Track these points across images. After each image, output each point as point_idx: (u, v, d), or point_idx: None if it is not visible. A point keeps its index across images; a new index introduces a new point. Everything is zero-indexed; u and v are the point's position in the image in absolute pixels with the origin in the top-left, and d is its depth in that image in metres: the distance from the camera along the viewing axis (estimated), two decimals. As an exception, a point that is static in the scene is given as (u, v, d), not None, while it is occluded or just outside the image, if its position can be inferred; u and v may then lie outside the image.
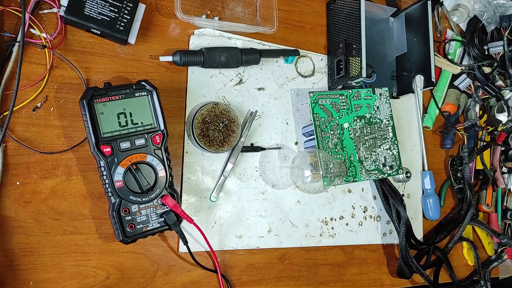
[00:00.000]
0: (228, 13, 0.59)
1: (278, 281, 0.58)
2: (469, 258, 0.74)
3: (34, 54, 0.47)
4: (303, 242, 0.60)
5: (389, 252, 0.68)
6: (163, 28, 0.54)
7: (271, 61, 0.61)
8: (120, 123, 0.46)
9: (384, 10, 0.70)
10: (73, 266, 0.47)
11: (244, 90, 0.59)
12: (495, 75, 0.75)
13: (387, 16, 0.71)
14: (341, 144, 0.60)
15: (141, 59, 0.53)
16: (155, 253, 0.51)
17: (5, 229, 0.44)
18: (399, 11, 0.70)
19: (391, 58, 0.70)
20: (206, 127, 0.52)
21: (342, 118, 0.60)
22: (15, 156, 0.46)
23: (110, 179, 0.45)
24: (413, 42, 0.68)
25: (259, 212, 0.58)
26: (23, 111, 0.46)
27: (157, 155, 0.48)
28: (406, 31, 0.70)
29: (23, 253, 0.45)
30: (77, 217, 0.48)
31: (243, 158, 0.58)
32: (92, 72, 0.50)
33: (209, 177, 0.55)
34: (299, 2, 0.65)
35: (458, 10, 0.75)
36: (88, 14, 0.47)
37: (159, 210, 0.48)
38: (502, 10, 0.73)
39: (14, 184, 0.45)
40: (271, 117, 0.60)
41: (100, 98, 0.45)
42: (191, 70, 0.55)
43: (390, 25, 0.71)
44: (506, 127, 0.74)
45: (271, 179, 0.59)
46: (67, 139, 0.48)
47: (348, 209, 0.65)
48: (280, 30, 0.60)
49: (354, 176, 0.60)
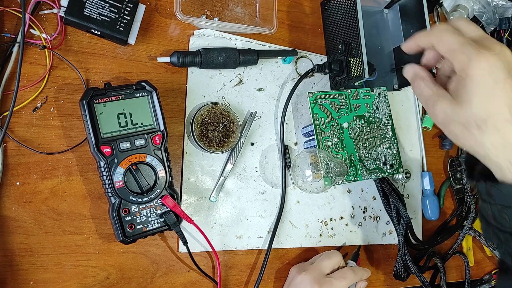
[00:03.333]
0: (228, 13, 0.59)
1: (278, 281, 0.58)
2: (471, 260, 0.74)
3: (34, 55, 0.47)
4: (303, 243, 0.61)
5: (389, 253, 0.68)
6: (163, 28, 0.54)
7: (271, 62, 0.61)
8: (120, 123, 0.46)
9: (377, 3, 0.68)
10: (73, 266, 0.47)
11: (244, 90, 0.59)
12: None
13: (380, 8, 0.69)
14: (341, 144, 0.60)
15: (141, 59, 0.53)
16: (155, 253, 0.51)
17: (5, 229, 0.45)
18: (392, 3, 0.69)
19: (389, 50, 0.69)
20: (206, 127, 0.52)
21: (341, 118, 0.60)
22: (15, 156, 0.46)
23: (110, 180, 0.45)
24: (410, 33, 0.67)
25: (259, 212, 0.58)
26: (23, 111, 0.46)
27: (157, 155, 0.48)
28: (402, 22, 0.68)
29: (23, 253, 0.45)
30: (77, 217, 0.48)
31: (243, 158, 0.58)
32: (92, 72, 0.50)
33: (208, 177, 0.55)
34: (298, 3, 0.65)
35: (458, 11, 0.75)
36: (88, 15, 0.47)
37: (159, 211, 0.48)
38: (501, 11, 0.74)
39: (14, 184, 0.45)
40: (270, 118, 0.60)
41: (100, 99, 0.45)
42: (190, 70, 0.55)
43: (384, 16, 0.70)
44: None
45: (271, 179, 0.59)
46: (67, 140, 0.48)
47: (348, 209, 0.65)
48: (280, 30, 0.61)
49: (355, 176, 0.60)
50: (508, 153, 0.33)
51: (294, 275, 0.55)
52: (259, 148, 0.59)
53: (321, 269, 0.54)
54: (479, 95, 0.33)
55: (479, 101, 0.33)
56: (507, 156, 0.34)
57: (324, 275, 0.53)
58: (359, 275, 0.55)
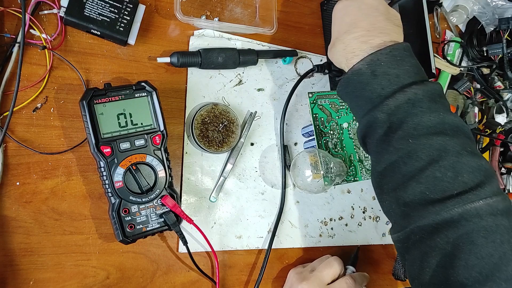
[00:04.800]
0: (228, 14, 0.59)
1: (277, 281, 0.58)
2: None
3: (34, 55, 0.47)
4: (302, 243, 0.61)
5: (388, 253, 0.68)
6: (163, 29, 0.55)
7: (271, 62, 0.61)
8: (120, 123, 0.46)
9: None
10: (73, 266, 0.47)
11: (244, 91, 0.59)
12: (494, 76, 0.75)
13: None
14: (340, 144, 0.60)
15: (141, 60, 0.53)
16: (155, 253, 0.51)
17: (5, 229, 0.45)
18: (392, 3, 0.68)
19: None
20: (206, 127, 0.52)
21: (341, 118, 0.61)
22: (15, 156, 0.46)
23: (110, 180, 0.45)
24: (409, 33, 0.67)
25: (259, 213, 0.58)
26: (23, 111, 0.47)
27: (157, 155, 0.48)
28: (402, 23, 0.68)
29: (23, 253, 0.45)
30: (77, 217, 0.48)
31: (243, 158, 0.58)
32: (92, 73, 0.50)
33: (208, 177, 0.55)
34: (298, 3, 0.65)
35: (457, 11, 0.76)
36: (88, 15, 0.47)
37: (158, 211, 0.48)
38: (500, 12, 0.74)
39: (14, 185, 0.45)
40: (270, 118, 0.60)
41: (100, 99, 0.45)
42: (190, 71, 0.55)
43: None
44: (504, 128, 0.74)
45: (271, 179, 0.59)
46: (67, 140, 0.48)
47: (348, 209, 0.65)
48: (280, 31, 0.61)
49: (355, 176, 0.60)
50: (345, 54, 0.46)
51: (293, 283, 0.54)
52: (259, 148, 0.59)
53: (322, 278, 0.53)
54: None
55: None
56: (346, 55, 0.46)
57: (325, 285, 0.53)
58: (359, 282, 0.55)
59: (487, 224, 0.37)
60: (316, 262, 0.58)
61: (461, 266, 0.37)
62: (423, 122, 0.41)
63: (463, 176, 0.39)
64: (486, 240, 0.37)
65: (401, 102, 0.41)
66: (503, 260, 0.36)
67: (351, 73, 0.45)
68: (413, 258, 0.41)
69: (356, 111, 0.47)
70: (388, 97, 0.42)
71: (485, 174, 0.39)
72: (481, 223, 0.37)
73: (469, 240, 0.37)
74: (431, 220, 0.39)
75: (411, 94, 0.41)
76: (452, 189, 0.38)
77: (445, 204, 0.38)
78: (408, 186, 0.41)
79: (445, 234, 0.38)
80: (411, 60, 0.44)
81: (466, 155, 0.39)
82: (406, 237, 0.42)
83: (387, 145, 0.43)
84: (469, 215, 0.37)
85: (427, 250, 0.39)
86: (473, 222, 0.37)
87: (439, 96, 0.43)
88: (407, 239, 0.42)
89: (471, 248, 0.37)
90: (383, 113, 0.42)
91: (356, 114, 0.47)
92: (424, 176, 0.40)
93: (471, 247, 0.37)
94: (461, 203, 0.38)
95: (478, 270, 0.36)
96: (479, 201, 0.38)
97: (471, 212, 0.37)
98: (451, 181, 0.39)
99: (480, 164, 0.40)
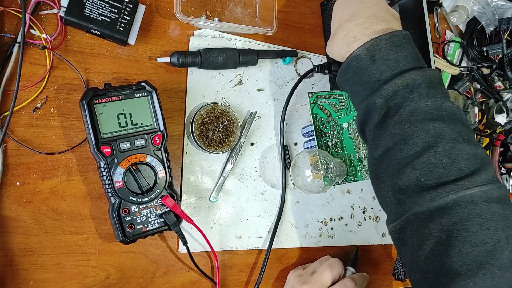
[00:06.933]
0: (228, 14, 0.59)
1: (277, 281, 0.58)
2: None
3: (34, 55, 0.47)
4: (303, 243, 0.61)
5: (388, 253, 0.68)
6: (163, 29, 0.54)
7: (271, 62, 0.61)
8: (120, 123, 0.46)
9: None
10: (73, 266, 0.47)
11: (244, 91, 0.59)
12: (494, 76, 0.75)
13: None
14: (340, 144, 0.60)
15: (141, 60, 0.53)
16: (155, 253, 0.51)
17: (5, 229, 0.45)
18: (392, 3, 0.68)
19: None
20: (206, 127, 0.52)
21: (341, 118, 0.61)
22: (15, 156, 0.46)
23: (110, 180, 0.45)
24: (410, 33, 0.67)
25: (259, 213, 0.58)
26: (23, 111, 0.47)
27: (157, 155, 0.48)
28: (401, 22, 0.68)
29: (23, 253, 0.45)
30: (77, 217, 0.48)
31: (243, 158, 0.58)
32: (92, 72, 0.50)
33: (208, 177, 0.55)
34: (298, 3, 0.65)
35: (457, 11, 0.76)
36: (88, 15, 0.47)
37: (158, 211, 0.48)
38: (500, 12, 0.74)
39: (14, 184, 0.45)
40: (270, 118, 0.60)
41: (100, 99, 0.45)
42: (190, 71, 0.55)
43: None
44: (504, 129, 0.74)
45: (271, 179, 0.59)
46: (67, 140, 0.48)
47: (347, 209, 0.65)
48: (280, 31, 0.61)
49: (355, 176, 0.60)
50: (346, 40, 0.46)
51: (294, 285, 0.54)
52: (259, 148, 0.59)
53: (322, 281, 0.53)
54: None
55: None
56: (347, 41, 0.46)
57: (326, 287, 0.53)
58: (360, 284, 0.55)
59: (481, 211, 0.37)
60: (316, 264, 0.57)
61: (455, 254, 0.37)
62: (420, 107, 0.40)
63: (459, 163, 0.38)
64: (480, 227, 0.37)
65: (399, 87, 0.41)
66: (497, 248, 0.36)
67: (350, 59, 0.45)
68: (409, 247, 0.41)
69: (355, 99, 0.46)
70: (386, 82, 0.42)
71: (481, 162, 0.39)
72: (475, 210, 0.37)
73: (463, 227, 0.37)
74: (426, 207, 0.39)
75: (409, 80, 0.41)
76: (447, 176, 0.38)
77: (439, 190, 0.38)
78: (403, 172, 0.40)
79: (440, 222, 0.38)
80: (410, 48, 0.44)
81: (462, 142, 0.39)
82: (402, 226, 0.42)
83: (384, 130, 0.42)
84: (463, 202, 0.37)
85: (422, 238, 0.39)
86: (468, 209, 0.37)
87: (437, 83, 0.42)
88: (403, 229, 0.42)
89: (465, 236, 0.37)
90: (381, 98, 0.42)
91: (355, 102, 0.47)
92: (420, 163, 0.39)
93: (465, 235, 0.37)
94: (455, 190, 0.38)
95: (472, 258, 0.36)
96: (474, 188, 0.37)
97: (465, 199, 0.37)
98: (446, 168, 0.39)
99: (476, 151, 0.40)
